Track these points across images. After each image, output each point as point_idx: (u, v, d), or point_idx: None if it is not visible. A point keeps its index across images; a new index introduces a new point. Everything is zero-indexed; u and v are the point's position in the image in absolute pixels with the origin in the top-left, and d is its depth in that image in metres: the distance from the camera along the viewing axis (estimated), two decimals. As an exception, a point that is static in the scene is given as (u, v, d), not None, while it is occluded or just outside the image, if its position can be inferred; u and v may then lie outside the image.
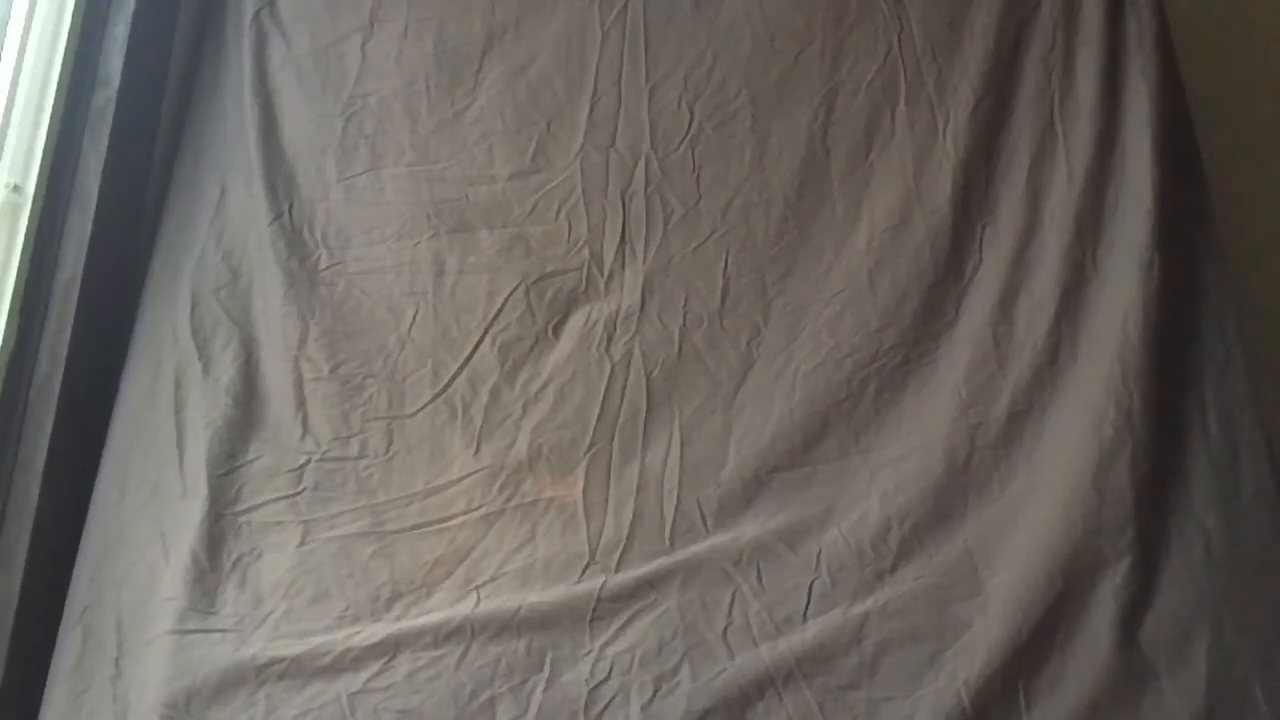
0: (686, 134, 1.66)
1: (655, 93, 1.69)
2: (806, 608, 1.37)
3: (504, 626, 1.37)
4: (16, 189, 1.56)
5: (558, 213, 1.65)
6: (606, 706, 1.32)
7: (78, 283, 1.56)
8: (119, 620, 1.42)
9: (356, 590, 1.42)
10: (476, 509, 1.48)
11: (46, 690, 1.40)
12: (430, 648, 1.36)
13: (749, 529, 1.44)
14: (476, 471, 1.51)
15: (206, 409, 1.55)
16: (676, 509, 1.46)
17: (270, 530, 1.48)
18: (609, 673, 1.34)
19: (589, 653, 1.36)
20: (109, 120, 1.63)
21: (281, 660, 1.35)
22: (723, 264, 1.60)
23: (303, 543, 1.46)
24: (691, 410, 1.53)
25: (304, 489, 1.50)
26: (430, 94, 1.72)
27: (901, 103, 1.64)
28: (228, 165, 1.72)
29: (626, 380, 1.55)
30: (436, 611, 1.39)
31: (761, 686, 1.31)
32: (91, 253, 1.58)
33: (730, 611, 1.38)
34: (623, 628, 1.37)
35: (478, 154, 1.68)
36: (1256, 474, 1.39)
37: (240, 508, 1.49)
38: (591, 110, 1.69)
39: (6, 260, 1.54)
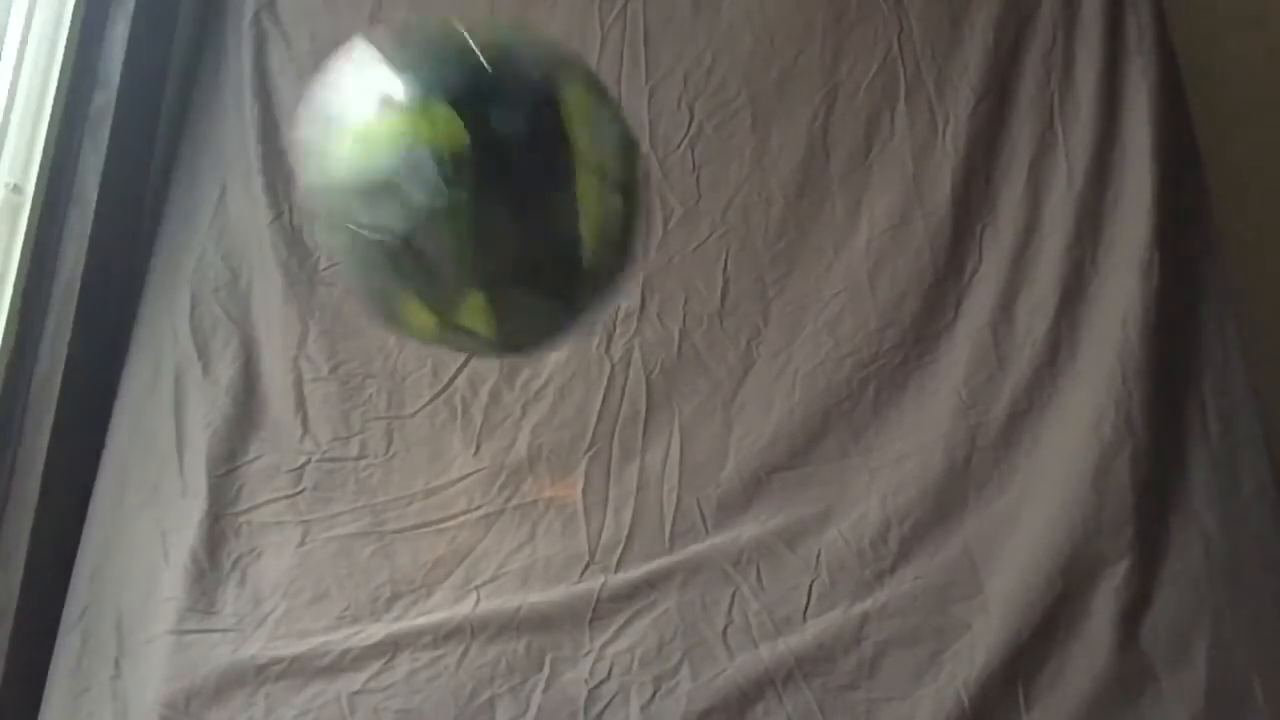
0: (686, 134, 1.66)
1: (655, 93, 1.69)
2: (806, 608, 1.37)
3: (504, 626, 1.37)
4: (16, 189, 1.56)
5: (558, 212, 1.64)
6: (606, 706, 1.31)
7: (78, 283, 1.56)
8: (119, 620, 1.42)
9: (356, 590, 1.42)
10: (476, 509, 1.48)
11: (46, 690, 1.39)
12: (430, 648, 1.36)
13: (749, 529, 1.44)
14: (476, 472, 1.50)
15: (206, 409, 1.55)
16: (676, 509, 1.46)
17: (270, 530, 1.47)
18: (609, 673, 1.34)
19: (589, 653, 1.35)
20: (109, 120, 1.63)
21: (281, 660, 1.35)
22: (722, 264, 1.59)
23: (302, 543, 1.46)
24: (691, 410, 1.52)
25: (304, 489, 1.50)
26: (430, 94, 1.72)
27: (901, 103, 1.64)
28: (228, 165, 1.71)
29: (626, 380, 1.55)
30: (436, 611, 1.39)
31: (761, 686, 1.31)
32: (91, 253, 1.58)
33: (730, 611, 1.38)
34: (623, 628, 1.37)
35: (477, 154, 1.68)
36: (1256, 474, 1.39)
37: (240, 508, 1.49)
38: (591, 110, 1.69)
39: (6, 260, 1.54)
